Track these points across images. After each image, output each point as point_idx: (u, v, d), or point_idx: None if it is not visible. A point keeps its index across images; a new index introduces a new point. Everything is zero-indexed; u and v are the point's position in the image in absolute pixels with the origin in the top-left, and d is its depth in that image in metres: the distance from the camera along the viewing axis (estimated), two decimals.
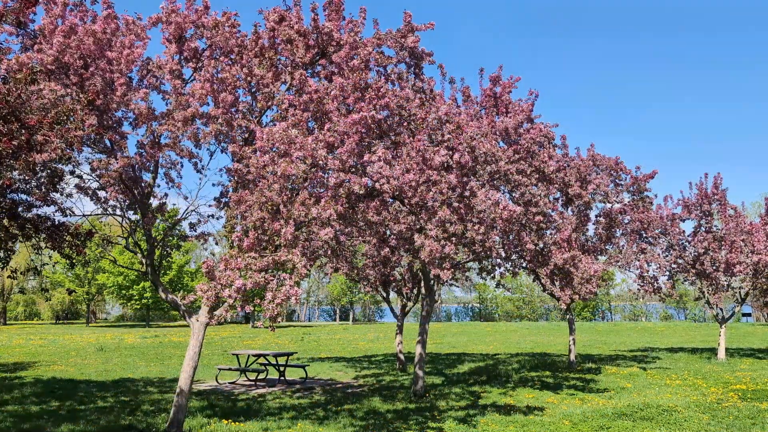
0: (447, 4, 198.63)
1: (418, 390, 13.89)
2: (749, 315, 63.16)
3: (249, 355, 17.26)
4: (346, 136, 8.34)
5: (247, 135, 10.02)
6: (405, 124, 10.22)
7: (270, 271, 8.19)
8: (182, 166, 10.61)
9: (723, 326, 21.78)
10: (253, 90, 10.41)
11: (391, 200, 10.79)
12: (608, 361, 21.60)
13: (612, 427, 10.52)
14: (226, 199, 10.61)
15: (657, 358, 22.72)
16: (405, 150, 9.79)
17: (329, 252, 16.82)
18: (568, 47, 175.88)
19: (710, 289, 21.35)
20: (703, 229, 21.28)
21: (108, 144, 10.07)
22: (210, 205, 10.91)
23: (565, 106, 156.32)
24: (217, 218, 11.35)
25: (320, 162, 8.25)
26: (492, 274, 14.72)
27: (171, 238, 12.06)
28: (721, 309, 21.96)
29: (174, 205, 12.07)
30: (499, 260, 14.68)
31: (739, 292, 22.34)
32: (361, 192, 8.39)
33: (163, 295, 10.33)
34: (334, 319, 73.50)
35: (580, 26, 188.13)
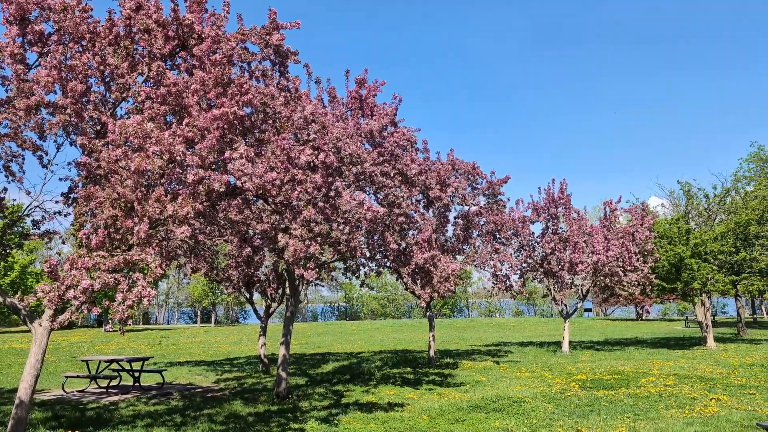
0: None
1: (281, 391, 13.77)
2: (590, 310, 68.90)
3: (100, 361, 16.23)
4: (206, 132, 8.09)
5: (99, 127, 9.40)
6: (270, 121, 10.09)
7: (122, 271, 7.75)
8: (24, 159, 9.76)
9: (567, 321, 23.56)
10: (107, 80, 9.77)
11: (254, 199, 10.61)
12: (465, 356, 22.64)
13: (467, 420, 11.03)
14: (75, 195, 9.91)
15: (509, 352, 24.15)
16: (269, 148, 9.66)
17: (188, 251, 16.26)
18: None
19: (556, 286, 23.04)
20: (550, 231, 22.92)
21: None
22: (57, 201, 10.10)
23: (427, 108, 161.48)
24: (65, 215, 10.53)
25: (178, 158, 7.93)
26: (357, 274, 14.93)
27: (11, 236, 11.05)
28: (565, 305, 23.77)
29: (15, 200, 11.07)
30: (363, 260, 14.93)
31: (581, 290, 24.27)
32: (221, 190, 8.17)
33: (0, 299, 9.45)
34: (195, 322, 70.96)
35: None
